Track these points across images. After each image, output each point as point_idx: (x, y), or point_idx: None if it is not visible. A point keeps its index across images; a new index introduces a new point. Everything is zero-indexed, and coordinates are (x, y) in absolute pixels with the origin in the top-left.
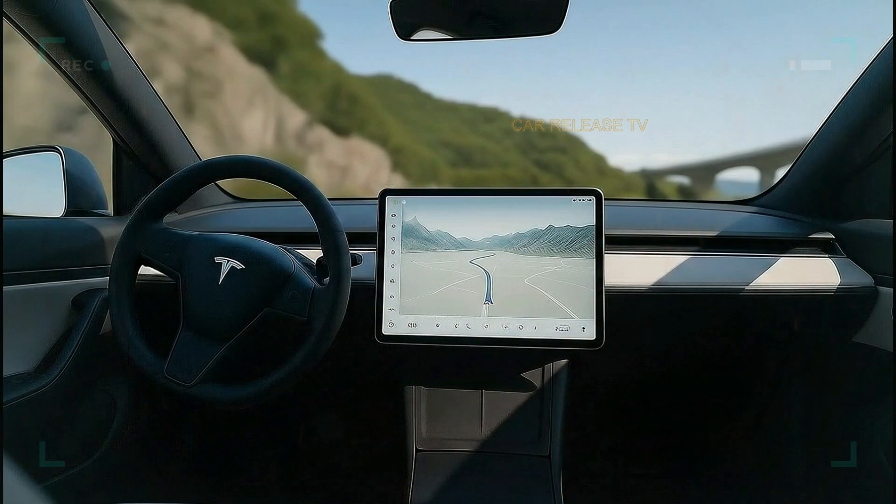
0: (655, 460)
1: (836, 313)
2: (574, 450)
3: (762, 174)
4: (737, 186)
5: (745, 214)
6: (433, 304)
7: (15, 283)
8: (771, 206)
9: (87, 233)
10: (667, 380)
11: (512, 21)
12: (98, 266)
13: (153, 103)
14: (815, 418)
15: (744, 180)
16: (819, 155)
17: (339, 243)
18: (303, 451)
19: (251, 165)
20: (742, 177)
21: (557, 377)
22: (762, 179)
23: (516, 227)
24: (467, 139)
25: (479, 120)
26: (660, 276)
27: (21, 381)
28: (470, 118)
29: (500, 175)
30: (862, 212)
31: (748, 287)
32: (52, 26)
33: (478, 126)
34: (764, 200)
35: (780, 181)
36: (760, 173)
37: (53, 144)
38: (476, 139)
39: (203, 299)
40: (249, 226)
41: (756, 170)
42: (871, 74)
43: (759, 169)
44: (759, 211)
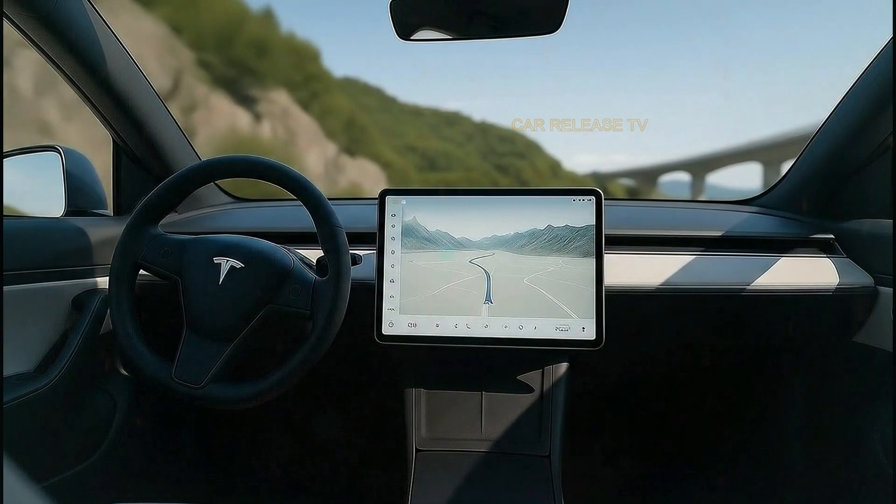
0: (655, 460)
1: (836, 313)
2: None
3: (693, 178)
4: (673, 187)
5: (745, 214)
6: (433, 303)
7: (15, 283)
8: (771, 206)
9: (86, 233)
10: (666, 379)
11: (512, 21)
12: (98, 266)
13: (153, 103)
14: (815, 418)
15: (681, 181)
16: (819, 155)
17: (339, 242)
18: (303, 451)
19: (250, 165)
20: (678, 179)
21: (557, 377)
22: (693, 182)
23: (515, 227)
24: (432, 144)
25: (443, 124)
26: (659, 277)
27: (21, 381)
28: (434, 123)
29: (464, 178)
30: (862, 212)
31: (748, 287)
32: (52, 26)
33: (441, 130)
34: (764, 200)
35: (780, 180)
36: (692, 177)
37: (53, 144)
38: (440, 144)
39: (204, 300)
40: (249, 226)
41: (688, 174)
42: (871, 74)
43: (691, 173)
44: (759, 211)
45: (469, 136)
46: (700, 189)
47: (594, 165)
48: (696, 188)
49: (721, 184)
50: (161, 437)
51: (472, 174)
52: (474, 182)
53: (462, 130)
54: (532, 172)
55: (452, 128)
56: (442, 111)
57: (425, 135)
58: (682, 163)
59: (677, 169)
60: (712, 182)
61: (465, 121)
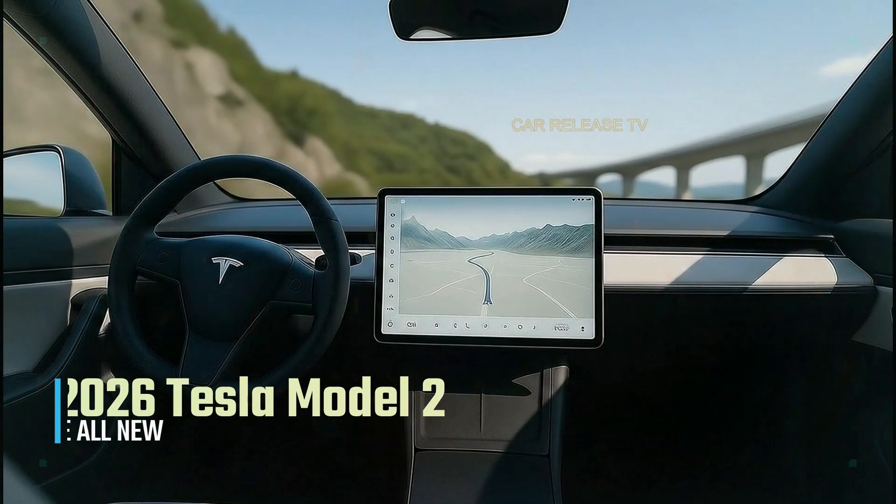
0: (655, 459)
1: (836, 313)
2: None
3: (624, 180)
4: (608, 187)
5: (745, 214)
6: (432, 303)
7: (14, 282)
8: (770, 205)
9: (86, 233)
10: (666, 379)
11: (511, 20)
12: (97, 266)
13: (153, 103)
14: (815, 418)
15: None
16: (819, 154)
17: (338, 241)
18: (302, 450)
19: (248, 165)
20: (612, 180)
21: (556, 376)
22: (624, 184)
23: (514, 227)
24: (388, 146)
25: (398, 126)
26: (658, 276)
27: (20, 380)
28: (389, 125)
29: (419, 180)
30: (861, 212)
31: (747, 287)
32: (52, 26)
33: (396, 132)
34: (763, 200)
35: (780, 180)
36: (623, 179)
37: (52, 144)
38: (396, 146)
39: (205, 301)
40: (248, 225)
41: (619, 175)
42: (870, 74)
43: (622, 175)
44: (759, 211)
45: (423, 139)
46: (629, 189)
47: (542, 165)
48: (626, 188)
49: (655, 181)
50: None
51: (426, 176)
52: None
53: (416, 133)
54: (482, 173)
55: (408, 130)
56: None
57: (381, 137)
58: (616, 165)
59: (613, 171)
60: (643, 181)
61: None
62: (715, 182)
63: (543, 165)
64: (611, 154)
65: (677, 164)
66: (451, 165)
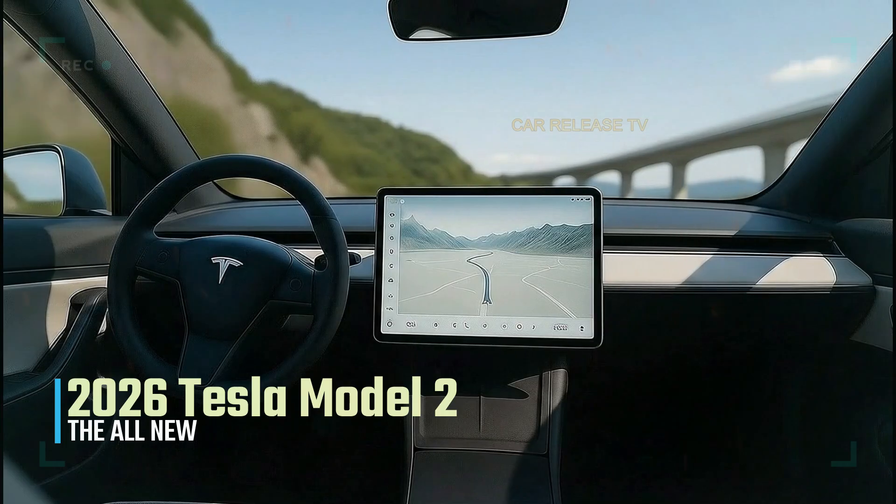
0: (654, 459)
1: (835, 312)
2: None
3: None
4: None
5: (744, 214)
6: (432, 303)
7: (14, 282)
8: (770, 205)
9: (85, 232)
10: (665, 378)
11: (511, 20)
12: (96, 265)
13: (152, 103)
14: (814, 417)
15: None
16: (818, 154)
17: (338, 241)
18: (302, 450)
19: (247, 165)
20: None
21: (555, 376)
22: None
23: (513, 227)
24: (356, 150)
25: (364, 130)
26: (658, 276)
27: (20, 380)
28: (355, 128)
29: (386, 183)
30: (861, 211)
31: (747, 286)
32: (52, 26)
33: (362, 136)
34: (763, 199)
35: (779, 179)
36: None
37: (52, 144)
38: (363, 150)
39: (205, 301)
40: (248, 225)
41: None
42: (870, 73)
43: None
44: (758, 210)
45: (388, 143)
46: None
47: (505, 166)
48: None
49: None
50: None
51: (393, 179)
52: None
53: (382, 137)
54: (446, 176)
55: (374, 134)
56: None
57: (349, 141)
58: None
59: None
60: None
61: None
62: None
63: (505, 167)
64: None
65: (621, 169)
66: (415, 169)
